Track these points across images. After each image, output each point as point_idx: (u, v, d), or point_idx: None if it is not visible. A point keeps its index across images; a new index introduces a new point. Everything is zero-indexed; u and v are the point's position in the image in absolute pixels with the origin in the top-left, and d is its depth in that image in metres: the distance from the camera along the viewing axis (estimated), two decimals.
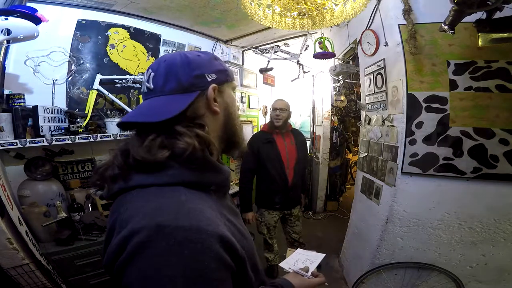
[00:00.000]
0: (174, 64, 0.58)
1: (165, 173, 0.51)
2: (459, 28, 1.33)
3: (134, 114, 0.61)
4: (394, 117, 1.88)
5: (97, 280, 1.89)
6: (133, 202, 0.50)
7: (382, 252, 1.98)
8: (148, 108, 0.58)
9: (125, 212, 0.49)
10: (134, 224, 0.45)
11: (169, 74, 0.58)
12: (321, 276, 0.85)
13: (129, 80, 2.49)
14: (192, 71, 0.58)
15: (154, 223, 0.43)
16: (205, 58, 0.62)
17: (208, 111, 0.60)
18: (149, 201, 0.48)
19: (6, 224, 1.36)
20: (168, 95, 0.57)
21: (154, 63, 0.61)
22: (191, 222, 0.45)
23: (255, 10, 1.46)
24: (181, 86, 0.57)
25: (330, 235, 3.37)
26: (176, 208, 0.46)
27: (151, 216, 0.45)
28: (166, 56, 0.61)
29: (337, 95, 3.81)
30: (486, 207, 1.68)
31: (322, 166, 3.98)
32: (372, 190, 2.14)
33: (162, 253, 0.42)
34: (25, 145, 1.71)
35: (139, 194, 0.50)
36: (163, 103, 0.56)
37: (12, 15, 1.46)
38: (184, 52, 0.62)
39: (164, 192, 0.50)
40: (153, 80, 0.58)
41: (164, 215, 0.45)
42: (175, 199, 0.48)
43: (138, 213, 0.46)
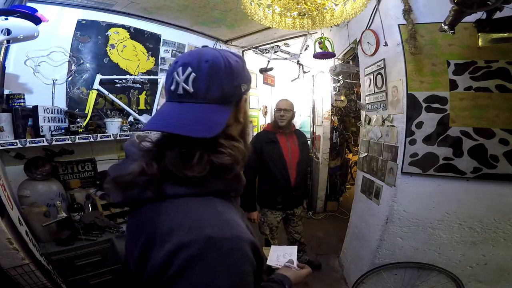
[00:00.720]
0: (218, 69, 0.53)
1: (198, 184, 0.50)
2: (459, 28, 1.33)
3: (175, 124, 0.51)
4: (394, 117, 1.88)
5: (97, 280, 1.90)
6: (169, 214, 0.49)
7: (382, 252, 1.98)
8: (193, 118, 0.51)
9: (163, 224, 0.48)
10: (180, 238, 0.44)
11: (213, 80, 0.53)
12: (306, 267, 0.93)
13: (129, 80, 2.49)
14: (233, 81, 0.55)
15: (204, 236, 0.44)
16: (241, 64, 0.58)
17: (235, 121, 0.59)
18: (188, 213, 0.48)
19: (6, 224, 1.36)
20: (209, 104, 0.53)
21: (191, 59, 0.53)
22: (232, 231, 0.47)
23: (255, 10, 1.47)
24: (222, 97, 0.54)
25: (330, 235, 3.37)
26: (218, 220, 0.48)
27: (197, 228, 0.45)
28: (205, 53, 0.54)
29: (337, 95, 3.81)
30: (486, 207, 1.68)
31: (322, 166, 3.98)
32: (372, 190, 2.14)
33: (213, 264, 0.43)
34: (25, 145, 1.71)
35: (174, 206, 0.49)
36: (209, 115, 0.52)
37: (12, 15, 1.46)
38: (223, 52, 0.56)
39: (198, 203, 0.50)
40: (194, 82, 0.52)
41: (208, 227, 0.46)
42: (213, 210, 0.50)
43: (180, 226, 0.46)
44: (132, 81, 2.51)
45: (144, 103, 2.67)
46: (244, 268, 0.47)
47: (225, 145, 0.53)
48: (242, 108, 0.59)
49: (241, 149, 0.56)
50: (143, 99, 2.66)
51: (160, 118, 0.54)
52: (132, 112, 2.48)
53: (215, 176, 0.52)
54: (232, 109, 0.57)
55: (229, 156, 0.52)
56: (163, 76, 2.76)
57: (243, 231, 0.49)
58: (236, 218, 0.51)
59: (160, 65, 2.77)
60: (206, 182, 0.51)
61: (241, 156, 0.55)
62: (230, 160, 0.52)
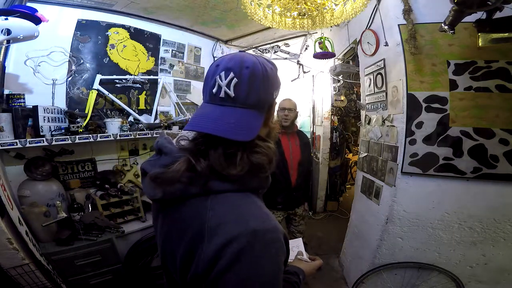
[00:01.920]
0: (257, 76, 0.56)
1: (238, 181, 0.54)
2: (459, 28, 1.33)
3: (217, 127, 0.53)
4: (394, 117, 1.88)
5: (97, 280, 1.90)
6: (215, 209, 0.52)
7: (382, 252, 1.98)
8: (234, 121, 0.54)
9: (211, 219, 0.50)
10: (229, 232, 0.48)
11: (252, 87, 0.56)
12: (318, 258, 0.96)
13: (129, 80, 2.49)
14: (268, 88, 0.59)
15: (251, 229, 0.49)
16: (275, 72, 0.62)
17: (264, 124, 0.62)
18: (234, 207, 0.53)
19: (6, 224, 1.36)
20: (248, 109, 0.56)
21: (233, 64, 0.56)
22: (271, 223, 0.53)
23: (255, 10, 1.47)
24: (258, 102, 0.58)
25: (330, 235, 3.37)
26: (259, 213, 0.54)
27: (243, 222, 0.50)
28: (246, 60, 0.57)
29: (337, 95, 3.81)
30: (486, 207, 1.68)
31: (322, 166, 3.98)
32: (372, 190, 2.14)
33: (258, 254, 0.48)
34: (25, 145, 1.71)
35: (218, 201, 0.53)
36: (248, 119, 0.56)
37: (12, 15, 1.46)
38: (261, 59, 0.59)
39: (240, 198, 0.55)
40: (236, 87, 0.55)
41: (253, 220, 0.51)
42: (254, 205, 0.55)
43: (227, 220, 0.50)
44: (132, 81, 2.51)
45: (144, 103, 2.66)
46: (281, 257, 0.53)
47: (261, 145, 0.58)
48: (273, 113, 0.65)
49: (274, 149, 0.61)
50: (143, 99, 2.66)
51: (201, 120, 0.56)
52: (132, 112, 2.48)
53: (252, 174, 0.56)
54: (265, 114, 0.61)
55: (265, 156, 0.57)
56: (163, 76, 2.76)
57: (277, 223, 0.55)
58: (269, 211, 0.57)
59: (160, 65, 2.77)
60: (245, 179, 0.55)
61: (274, 156, 0.60)
62: (266, 160, 0.57)
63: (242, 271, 0.46)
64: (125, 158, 2.57)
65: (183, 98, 3.03)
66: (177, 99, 2.88)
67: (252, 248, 0.47)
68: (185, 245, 0.52)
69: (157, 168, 0.57)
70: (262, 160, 0.56)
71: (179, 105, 2.89)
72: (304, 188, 2.34)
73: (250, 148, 0.56)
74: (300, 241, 1.17)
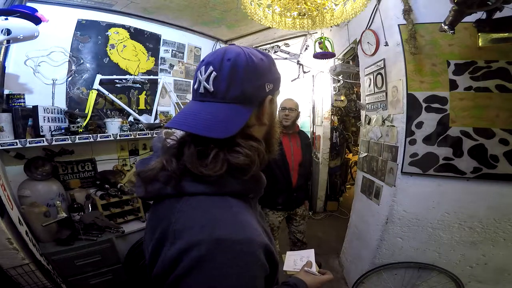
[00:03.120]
0: (239, 68, 0.52)
1: (215, 183, 0.50)
2: (459, 28, 1.33)
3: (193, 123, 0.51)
4: (394, 117, 1.88)
5: (97, 280, 1.90)
6: (184, 211, 0.49)
7: (382, 252, 1.98)
8: (211, 118, 0.51)
9: (177, 221, 0.48)
10: (191, 237, 0.45)
11: (233, 79, 0.52)
12: (328, 273, 0.89)
13: (129, 80, 2.49)
14: (256, 80, 0.55)
15: (214, 237, 0.44)
16: (267, 63, 0.57)
17: (257, 121, 0.58)
18: (204, 212, 0.48)
19: (6, 224, 1.36)
20: (229, 103, 0.53)
21: (214, 58, 0.53)
22: (245, 234, 0.47)
23: (255, 10, 1.46)
24: (243, 96, 0.53)
25: (330, 235, 3.37)
26: (231, 221, 0.48)
27: (209, 228, 0.45)
28: (228, 52, 0.53)
29: (337, 95, 3.81)
30: (486, 207, 1.68)
31: (322, 166, 3.98)
32: (372, 190, 2.14)
33: (221, 266, 0.43)
34: (25, 145, 1.71)
35: (190, 203, 0.50)
36: (227, 115, 0.52)
37: (12, 15, 1.46)
38: (247, 50, 0.55)
39: (215, 202, 0.50)
40: (215, 82, 0.52)
41: (221, 228, 0.46)
42: (228, 211, 0.49)
43: (193, 224, 0.46)
44: (132, 81, 2.51)
45: (144, 103, 2.66)
46: (254, 272, 0.46)
47: (242, 145, 0.52)
48: (266, 108, 0.58)
49: (260, 150, 0.55)
50: (143, 99, 2.66)
51: (181, 117, 0.54)
52: (132, 112, 2.48)
53: (232, 176, 0.52)
54: (254, 109, 0.56)
55: (246, 156, 0.51)
56: (163, 76, 2.76)
57: (256, 233, 0.49)
58: (251, 220, 0.51)
59: (160, 65, 2.77)
60: (223, 182, 0.51)
61: (259, 157, 0.54)
62: (246, 161, 0.51)
63: (200, 280, 0.43)
64: (125, 158, 2.57)
65: (183, 98, 3.03)
66: (177, 99, 2.88)
67: (213, 257, 0.43)
68: (153, 244, 0.51)
69: (143, 166, 0.57)
70: (241, 160, 0.51)
71: (179, 105, 2.89)
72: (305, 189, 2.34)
73: (229, 146, 0.52)
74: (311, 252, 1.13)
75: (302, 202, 2.31)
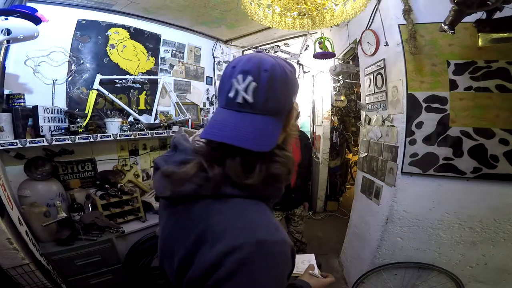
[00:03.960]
0: (276, 80, 0.52)
1: (250, 187, 0.52)
2: (459, 28, 1.33)
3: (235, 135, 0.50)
4: (394, 117, 1.88)
5: (97, 280, 1.90)
6: (222, 213, 0.50)
7: (382, 252, 1.98)
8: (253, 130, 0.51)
9: (216, 224, 0.49)
10: (233, 240, 0.46)
11: (271, 91, 0.52)
12: (330, 276, 0.92)
13: (129, 80, 2.49)
14: (288, 92, 0.56)
15: (255, 240, 0.46)
16: (294, 74, 0.58)
17: (282, 131, 0.58)
18: (241, 214, 0.50)
19: (6, 224, 1.36)
20: (266, 115, 0.53)
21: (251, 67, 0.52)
22: (279, 236, 0.49)
23: (255, 10, 1.46)
24: (277, 108, 0.54)
25: (330, 235, 3.37)
26: (267, 223, 0.51)
27: (249, 231, 0.47)
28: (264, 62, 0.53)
29: (337, 95, 3.81)
30: (486, 207, 1.68)
31: (322, 166, 3.98)
32: (372, 190, 2.14)
33: (260, 267, 0.45)
34: (25, 145, 1.71)
35: (227, 205, 0.51)
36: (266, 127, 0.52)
37: (12, 15, 1.46)
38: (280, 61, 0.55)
39: (250, 206, 0.52)
40: (254, 92, 0.51)
41: (260, 230, 0.48)
42: (262, 214, 0.52)
43: (233, 227, 0.48)
44: (132, 81, 2.51)
45: (144, 103, 2.67)
46: (285, 271, 0.50)
47: (278, 154, 0.55)
48: (291, 118, 0.60)
49: (292, 159, 0.57)
50: (143, 99, 2.66)
51: (219, 128, 0.52)
52: (132, 112, 2.48)
53: (266, 183, 0.53)
54: (283, 120, 0.57)
55: (284, 166, 0.54)
56: (163, 76, 2.77)
57: (285, 235, 0.51)
58: (277, 222, 0.54)
59: (160, 65, 2.78)
60: (257, 187, 0.52)
61: (292, 165, 0.57)
62: (285, 170, 0.55)
63: (242, 282, 0.44)
64: (125, 158, 2.58)
65: (183, 98, 3.03)
66: (177, 99, 2.88)
67: (254, 259, 0.45)
68: (187, 246, 0.50)
69: (170, 164, 0.56)
70: (280, 170, 0.54)
71: (179, 105, 2.89)
72: (304, 189, 2.33)
73: (269, 157, 0.53)
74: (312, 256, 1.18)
75: (301, 203, 2.31)
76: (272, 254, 0.47)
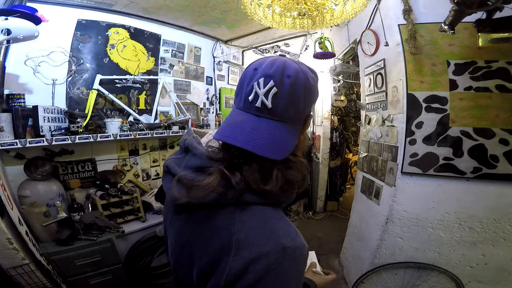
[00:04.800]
0: (298, 87, 0.52)
1: (268, 194, 0.52)
2: (459, 28, 1.33)
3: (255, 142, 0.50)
4: (394, 117, 1.88)
5: (97, 280, 1.90)
6: (245, 221, 0.50)
7: (382, 252, 1.98)
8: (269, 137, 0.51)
9: (239, 231, 0.49)
10: (260, 248, 0.47)
11: (292, 99, 0.52)
12: (332, 273, 0.95)
13: (129, 80, 2.49)
14: (308, 101, 0.55)
15: (280, 246, 0.48)
16: (315, 82, 0.56)
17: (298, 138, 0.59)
18: (264, 222, 0.51)
19: (6, 224, 1.36)
20: (284, 122, 0.53)
21: (275, 72, 0.51)
22: (300, 241, 0.52)
23: (255, 10, 1.47)
24: (296, 116, 0.54)
25: (330, 235, 3.36)
26: (289, 230, 0.52)
27: (273, 238, 0.49)
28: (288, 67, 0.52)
29: (337, 95, 3.81)
30: (486, 207, 1.68)
31: (322, 166, 3.98)
32: (372, 190, 2.14)
33: (285, 271, 0.48)
34: (25, 145, 1.71)
35: (249, 213, 0.51)
36: (283, 135, 0.52)
37: (12, 15, 1.46)
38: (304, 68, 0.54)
39: (271, 212, 0.53)
40: (274, 98, 0.50)
41: (283, 237, 0.50)
42: (282, 220, 0.54)
43: (257, 234, 0.49)
44: (132, 81, 2.51)
45: (144, 103, 2.66)
46: (304, 272, 0.55)
47: (293, 161, 0.55)
48: (307, 126, 0.60)
49: (306, 164, 0.58)
50: (143, 99, 2.66)
51: (237, 132, 0.51)
52: (132, 112, 2.48)
53: (282, 189, 0.54)
54: (300, 128, 0.57)
55: (299, 173, 0.55)
56: (163, 76, 2.76)
57: (303, 239, 0.53)
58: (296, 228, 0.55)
59: (160, 65, 2.77)
60: (275, 193, 0.53)
61: (307, 172, 0.58)
62: (300, 176, 0.56)
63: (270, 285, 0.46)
64: (125, 158, 2.57)
65: (183, 98, 3.03)
66: (177, 99, 2.88)
67: (280, 265, 0.47)
68: (210, 254, 0.50)
69: (184, 169, 0.55)
70: (296, 176, 0.55)
71: (179, 105, 2.89)
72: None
73: (285, 164, 0.54)
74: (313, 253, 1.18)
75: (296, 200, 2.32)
76: (295, 258, 0.49)
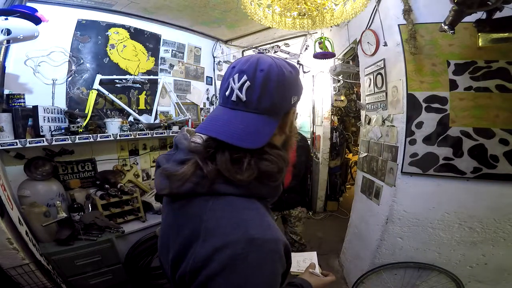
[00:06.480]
0: (271, 80, 0.54)
1: (244, 185, 0.53)
2: (459, 28, 1.33)
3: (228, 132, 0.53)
4: (394, 117, 1.88)
5: (97, 280, 1.90)
6: (216, 210, 0.51)
7: (382, 252, 1.98)
8: (243, 127, 0.53)
9: (209, 219, 0.50)
10: (225, 236, 0.47)
11: (265, 91, 0.54)
12: (331, 274, 0.92)
13: (129, 80, 2.49)
14: (285, 93, 0.56)
15: (248, 237, 0.47)
16: (294, 76, 0.58)
17: (279, 131, 0.60)
18: (235, 212, 0.51)
19: (6, 224, 1.36)
20: (259, 114, 0.54)
21: (248, 67, 0.54)
22: (272, 234, 0.50)
23: (255, 10, 1.47)
24: (272, 108, 0.55)
25: (330, 235, 3.37)
26: (260, 221, 0.51)
27: (242, 228, 0.48)
28: (261, 62, 0.54)
29: (337, 95, 3.81)
30: (486, 207, 1.68)
31: (322, 166, 3.98)
32: (372, 190, 2.14)
33: (252, 264, 0.46)
34: (25, 145, 1.71)
35: (221, 202, 0.52)
36: (258, 125, 0.54)
37: (12, 15, 1.46)
38: (279, 62, 0.56)
39: (244, 203, 0.53)
40: (248, 91, 0.53)
41: (253, 228, 0.49)
42: (256, 212, 0.53)
43: (226, 223, 0.49)
44: (132, 81, 2.51)
45: (144, 103, 2.67)
46: (278, 269, 0.50)
47: (269, 153, 0.55)
48: (289, 120, 0.61)
49: (285, 158, 0.58)
50: (143, 99, 2.66)
51: (211, 123, 0.56)
52: (132, 112, 2.48)
53: (258, 181, 0.54)
54: (279, 120, 0.58)
55: (274, 164, 0.55)
56: (163, 76, 2.77)
57: (279, 233, 0.52)
58: (272, 220, 0.55)
59: (160, 65, 2.78)
60: (252, 185, 0.54)
61: (285, 165, 0.58)
62: (274, 168, 0.55)
63: (234, 278, 0.45)
64: (125, 158, 2.58)
65: (183, 98, 3.03)
66: (177, 99, 2.88)
67: (246, 256, 0.45)
68: (180, 242, 0.52)
69: (170, 162, 0.59)
70: (270, 168, 0.54)
71: (179, 105, 2.89)
72: (301, 191, 2.29)
73: (259, 154, 0.54)
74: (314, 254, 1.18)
75: (295, 205, 2.26)
76: (263, 251, 0.47)
